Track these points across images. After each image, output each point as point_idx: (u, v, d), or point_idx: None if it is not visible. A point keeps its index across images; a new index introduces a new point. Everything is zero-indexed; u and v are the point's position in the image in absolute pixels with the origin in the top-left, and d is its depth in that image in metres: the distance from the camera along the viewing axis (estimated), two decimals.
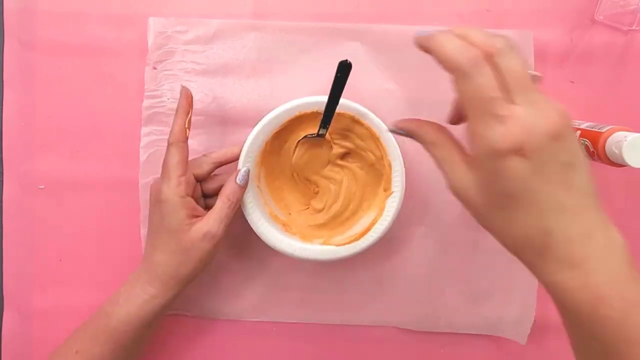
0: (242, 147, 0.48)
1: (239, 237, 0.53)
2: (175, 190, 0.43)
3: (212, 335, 0.55)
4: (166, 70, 0.52)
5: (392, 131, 0.36)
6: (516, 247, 0.30)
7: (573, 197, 0.28)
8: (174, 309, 0.54)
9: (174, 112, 0.45)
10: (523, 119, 0.26)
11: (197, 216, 0.45)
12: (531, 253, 0.29)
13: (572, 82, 0.53)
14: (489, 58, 0.27)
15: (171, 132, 0.44)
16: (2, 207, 0.54)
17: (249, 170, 0.46)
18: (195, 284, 0.54)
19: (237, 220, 0.52)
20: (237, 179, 0.45)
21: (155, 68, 0.52)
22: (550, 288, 0.29)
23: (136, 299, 0.44)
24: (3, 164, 0.54)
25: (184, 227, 0.43)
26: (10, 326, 0.54)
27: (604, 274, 0.27)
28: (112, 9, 0.53)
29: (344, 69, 0.43)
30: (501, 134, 0.27)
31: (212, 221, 0.44)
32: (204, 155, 0.48)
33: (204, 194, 0.49)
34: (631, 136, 0.41)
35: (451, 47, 0.29)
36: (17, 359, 0.54)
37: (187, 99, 0.45)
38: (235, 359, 0.55)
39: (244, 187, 0.46)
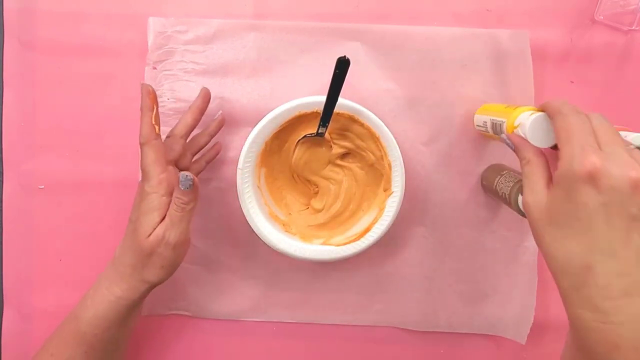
0: (195, 110, 0.48)
1: (239, 237, 0.53)
2: (156, 188, 0.41)
3: (212, 335, 0.55)
4: (166, 70, 0.52)
5: (503, 139, 0.39)
6: (556, 269, 0.31)
7: (627, 250, 0.28)
8: (174, 309, 0.54)
9: (140, 108, 0.43)
10: (607, 159, 0.29)
11: None
12: (567, 280, 0.30)
13: (572, 82, 0.53)
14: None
15: (140, 133, 0.42)
16: (2, 207, 0.54)
17: (189, 176, 0.40)
18: (195, 284, 0.54)
19: (237, 220, 0.52)
20: (180, 184, 0.41)
21: (155, 68, 0.52)
22: (573, 320, 0.31)
23: (102, 300, 0.43)
24: (3, 164, 0.54)
25: (149, 230, 0.41)
26: (10, 326, 0.54)
27: (630, 330, 0.28)
28: (112, 9, 0.53)
29: (343, 65, 0.43)
30: (583, 160, 0.29)
31: (165, 226, 0.41)
32: (167, 137, 0.47)
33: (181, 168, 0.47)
34: (631, 136, 0.41)
35: (558, 102, 0.35)
36: (17, 359, 0.54)
37: (149, 95, 0.43)
38: (235, 359, 0.55)
39: (190, 191, 0.41)
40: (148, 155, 0.42)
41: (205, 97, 0.49)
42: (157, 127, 0.42)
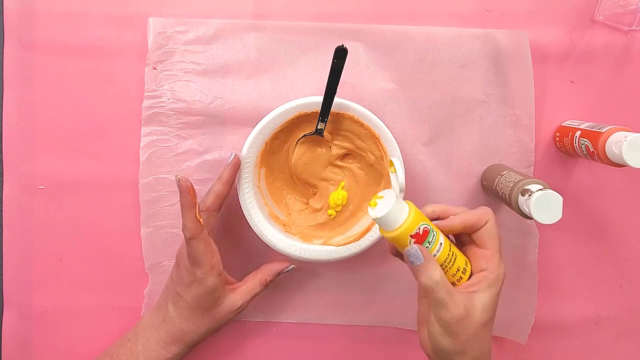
0: (225, 181, 0.46)
1: (239, 237, 0.53)
2: (209, 273, 0.44)
3: (212, 335, 0.55)
4: (166, 70, 0.52)
5: (410, 252, 0.38)
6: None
7: None
8: None
9: (180, 204, 0.43)
10: None
11: (228, 283, 0.48)
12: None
13: (572, 82, 0.53)
14: None
15: (185, 227, 0.43)
16: (2, 207, 0.54)
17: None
18: None
19: (238, 221, 0.52)
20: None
21: (155, 68, 0.52)
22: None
23: (158, 357, 0.47)
24: (3, 164, 0.54)
25: (218, 302, 0.46)
26: (10, 326, 0.54)
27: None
28: (112, 9, 0.53)
29: (341, 54, 0.43)
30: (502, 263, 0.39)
31: (246, 298, 0.47)
32: (201, 211, 0.45)
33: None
34: (631, 136, 0.41)
35: (488, 209, 0.41)
36: (17, 359, 0.54)
37: (188, 192, 0.43)
38: (235, 359, 0.55)
39: (279, 269, 0.50)
40: (198, 248, 0.43)
41: (235, 166, 0.47)
42: (201, 220, 0.44)
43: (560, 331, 0.54)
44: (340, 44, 0.43)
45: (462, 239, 0.41)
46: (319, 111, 0.47)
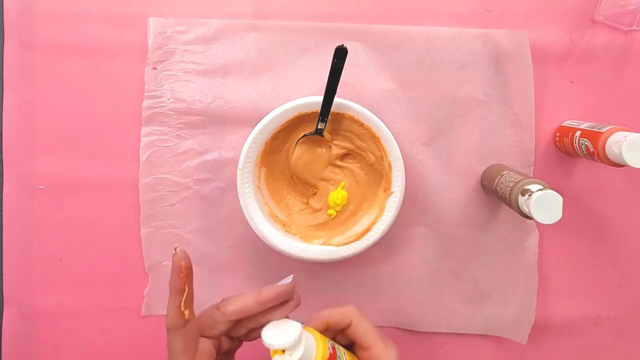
0: (263, 301, 0.37)
1: (239, 237, 0.53)
2: None
3: None
4: (166, 70, 0.52)
5: None
6: None
7: None
8: None
9: (169, 284, 0.36)
10: None
11: None
12: None
13: (572, 82, 0.53)
14: None
15: (167, 315, 0.36)
16: (2, 207, 0.54)
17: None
18: (196, 284, 0.54)
19: (237, 220, 0.52)
20: None
21: (155, 68, 0.52)
22: None
23: None
24: (3, 164, 0.54)
25: None
26: (10, 326, 0.54)
27: None
28: (112, 9, 0.53)
29: (341, 53, 0.43)
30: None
31: None
32: (217, 307, 0.38)
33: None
34: (631, 136, 0.41)
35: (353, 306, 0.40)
36: (17, 359, 0.54)
37: (179, 274, 0.36)
38: (235, 359, 0.55)
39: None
40: (175, 345, 0.36)
41: (284, 294, 0.38)
42: (186, 312, 0.36)
43: (560, 331, 0.55)
44: (340, 44, 0.43)
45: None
46: (319, 111, 0.47)
